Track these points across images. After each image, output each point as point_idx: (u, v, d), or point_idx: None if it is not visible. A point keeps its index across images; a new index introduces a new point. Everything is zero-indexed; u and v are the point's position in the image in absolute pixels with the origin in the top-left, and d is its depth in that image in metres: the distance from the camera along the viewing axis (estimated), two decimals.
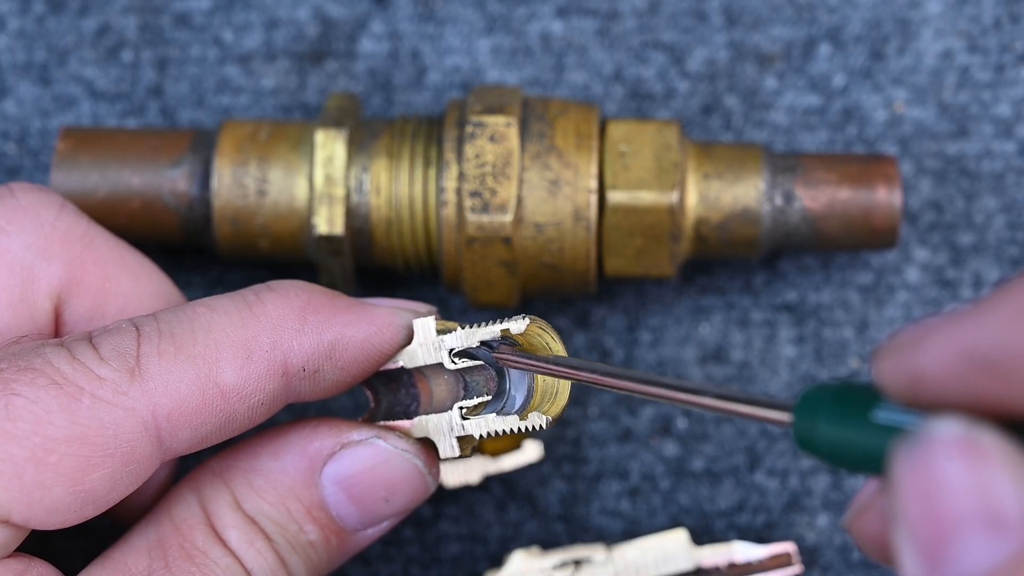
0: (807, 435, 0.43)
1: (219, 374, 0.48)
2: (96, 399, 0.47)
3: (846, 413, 0.43)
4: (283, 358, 0.49)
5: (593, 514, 0.62)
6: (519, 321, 0.50)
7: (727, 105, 0.65)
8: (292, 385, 0.50)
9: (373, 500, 0.51)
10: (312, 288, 0.51)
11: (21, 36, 0.66)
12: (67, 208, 0.54)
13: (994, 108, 0.65)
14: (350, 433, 0.51)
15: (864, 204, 0.60)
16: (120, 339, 0.48)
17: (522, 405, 0.51)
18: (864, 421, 0.42)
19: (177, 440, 0.48)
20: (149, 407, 0.47)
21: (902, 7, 0.66)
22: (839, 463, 0.43)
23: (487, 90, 0.60)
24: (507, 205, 0.58)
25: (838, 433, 0.43)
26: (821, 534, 0.62)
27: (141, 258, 0.55)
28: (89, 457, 0.46)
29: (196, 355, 0.48)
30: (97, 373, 0.47)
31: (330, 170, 0.59)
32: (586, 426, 0.63)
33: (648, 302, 0.64)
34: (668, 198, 0.58)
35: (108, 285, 0.53)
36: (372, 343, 0.50)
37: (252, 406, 0.49)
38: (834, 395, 0.43)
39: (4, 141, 0.65)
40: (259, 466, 0.50)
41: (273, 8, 0.66)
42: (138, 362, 0.47)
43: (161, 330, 0.48)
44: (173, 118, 0.66)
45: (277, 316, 0.49)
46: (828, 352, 0.63)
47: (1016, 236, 0.64)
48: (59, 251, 0.53)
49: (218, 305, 0.49)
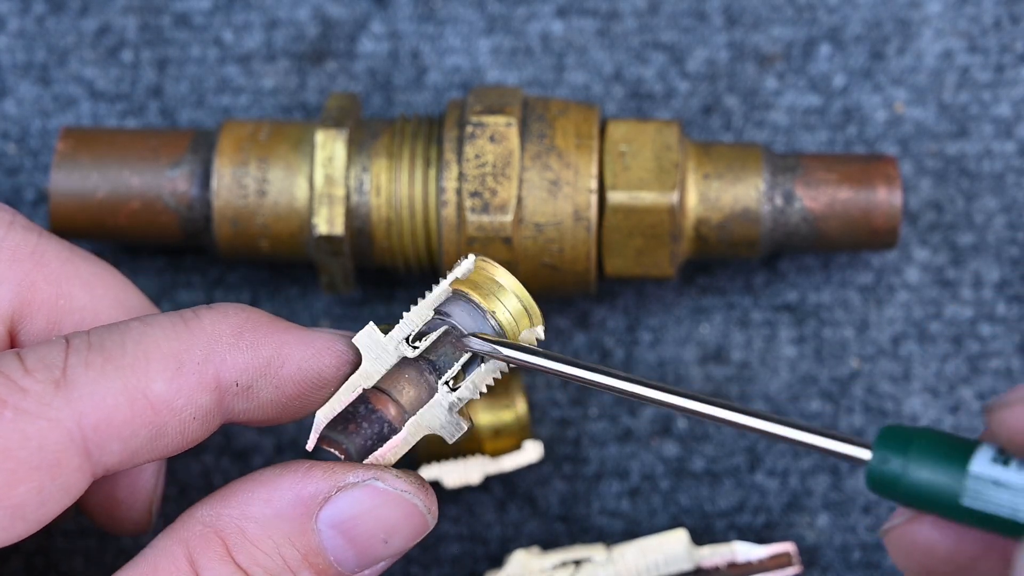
0: (887, 474, 0.45)
1: (148, 385, 0.47)
2: (19, 411, 0.45)
3: (941, 460, 0.45)
4: (215, 371, 0.48)
5: (593, 514, 0.62)
6: (464, 263, 0.49)
7: (727, 105, 0.65)
8: (225, 401, 0.48)
9: (371, 542, 0.49)
10: (253, 310, 0.50)
11: (21, 36, 0.66)
12: (15, 225, 0.52)
13: (994, 108, 0.65)
14: (345, 475, 0.49)
15: (864, 204, 0.60)
16: (47, 351, 0.46)
17: (500, 336, 0.50)
18: (963, 471, 0.44)
19: (107, 453, 0.47)
20: (74, 418, 0.46)
21: (902, 7, 0.66)
22: (915, 504, 0.45)
23: (487, 90, 0.60)
24: (507, 205, 0.58)
25: (931, 478, 0.45)
26: (821, 534, 0.62)
27: (96, 266, 0.53)
28: (13, 471, 0.45)
29: (124, 366, 0.46)
30: (20, 385, 0.45)
31: (330, 170, 0.59)
32: (586, 426, 0.63)
33: (648, 302, 0.64)
34: (668, 198, 0.58)
35: (62, 302, 0.52)
36: (310, 365, 0.49)
37: (184, 420, 0.48)
38: (924, 440, 0.45)
39: (4, 141, 0.65)
40: (252, 513, 0.48)
41: (273, 8, 0.66)
42: (64, 373, 0.46)
43: (91, 342, 0.47)
44: (173, 118, 0.66)
45: (212, 330, 0.48)
46: (828, 352, 0.63)
47: (1016, 236, 0.64)
48: (8, 273, 0.51)
49: (153, 320, 0.48)
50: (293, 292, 0.64)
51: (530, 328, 0.50)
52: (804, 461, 0.62)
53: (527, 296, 0.50)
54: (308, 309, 0.64)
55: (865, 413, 0.63)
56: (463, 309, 0.50)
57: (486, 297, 0.49)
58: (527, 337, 0.50)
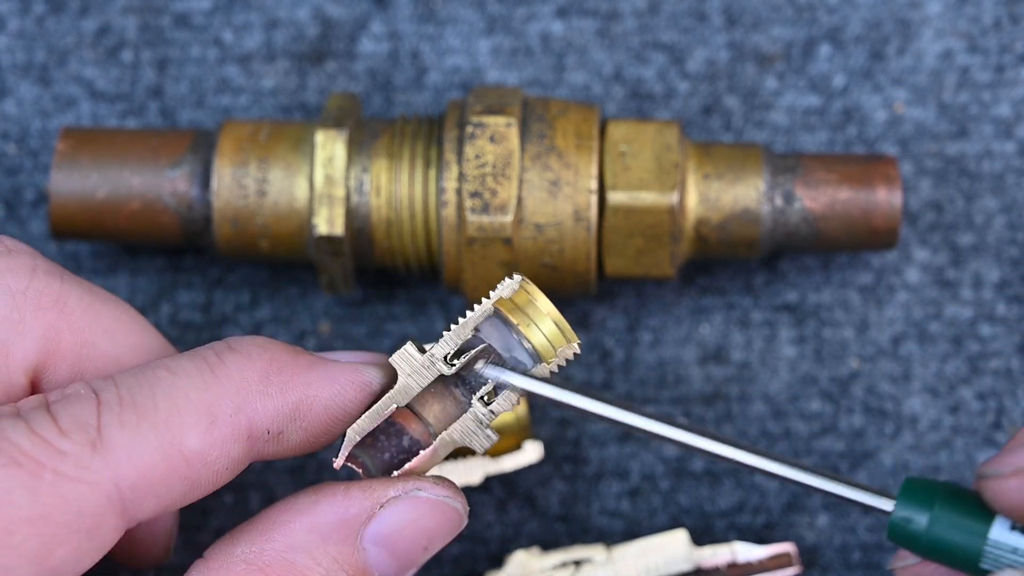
0: (909, 531, 0.47)
1: (183, 441, 0.46)
2: (58, 475, 0.45)
3: (963, 522, 0.47)
4: (247, 422, 0.48)
5: (593, 514, 0.62)
6: (509, 282, 0.49)
7: (727, 105, 0.65)
8: (256, 448, 0.49)
9: (414, 551, 0.49)
10: (273, 346, 0.49)
11: (21, 36, 0.66)
12: (38, 269, 0.51)
13: (994, 108, 0.65)
14: (386, 491, 0.49)
15: (864, 204, 0.60)
16: (80, 409, 0.46)
17: (534, 359, 0.50)
18: (983, 536, 0.46)
19: (142, 509, 0.46)
20: (113, 479, 0.45)
21: (902, 7, 0.66)
22: (931, 558, 0.47)
23: (487, 90, 0.60)
24: (507, 206, 0.58)
25: (951, 538, 0.47)
26: (821, 534, 0.62)
27: (117, 309, 0.53)
28: (54, 535, 0.45)
29: (158, 423, 0.46)
30: (58, 447, 0.45)
31: (330, 170, 0.59)
32: (586, 426, 0.63)
33: (648, 302, 0.64)
34: (668, 199, 0.58)
35: (85, 350, 0.51)
36: (337, 403, 0.49)
37: (217, 471, 0.48)
38: (946, 499, 0.47)
39: (4, 141, 0.65)
40: (297, 543, 0.48)
41: (273, 8, 0.66)
42: (99, 433, 0.46)
43: (122, 397, 0.47)
44: (173, 118, 0.66)
45: (240, 378, 0.48)
46: (828, 353, 0.63)
47: (1016, 236, 0.64)
48: (32, 322, 0.50)
49: (179, 368, 0.48)
50: (293, 292, 0.64)
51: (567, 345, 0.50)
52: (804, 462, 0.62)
53: (562, 319, 0.50)
54: (308, 309, 0.64)
55: (865, 413, 0.63)
56: (498, 328, 0.50)
57: (522, 319, 0.49)
58: (564, 354, 0.50)
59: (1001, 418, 0.62)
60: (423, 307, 0.64)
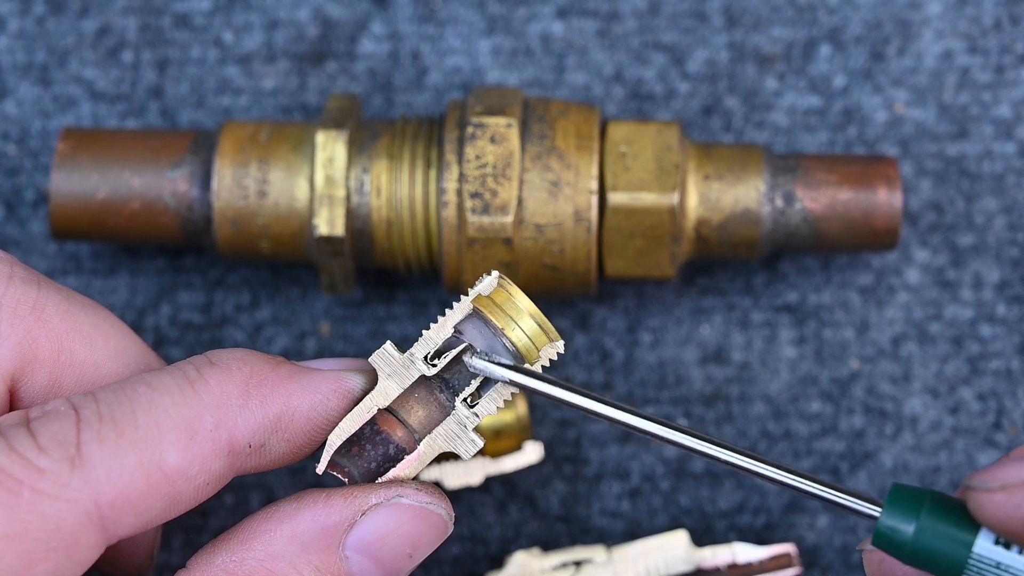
0: (895, 539, 0.47)
1: (163, 457, 0.46)
2: (36, 492, 0.44)
3: (948, 533, 0.47)
4: (228, 436, 0.48)
5: (594, 515, 0.62)
6: (487, 279, 0.49)
7: (727, 106, 0.65)
8: (238, 462, 0.48)
9: (398, 558, 0.49)
10: (254, 358, 0.49)
11: (21, 37, 0.66)
12: (14, 278, 0.51)
13: (994, 109, 0.65)
14: (367, 498, 0.49)
15: (865, 205, 0.60)
16: (59, 426, 0.46)
17: (517, 361, 0.49)
18: (967, 549, 0.46)
19: (122, 526, 0.46)
20: (92, 497, 0.45)
21: (902, 8, 0.66)
22: (915, 565, 0.48)
23: (487, 91, 0.60)
24: (508, 206, 0.58)
25: (937, 547, 0.47)
26: (821, 535, 0.62)
27: (96, 316, 0.52)
28: (32, 552, 0.44)
29: (138, 439, 0.46)
30: (37, 464, 0.45)
31: (331, 171, 0.59)
32: (587, 427, 0.63)
33: (648, 303, 0.64)
34: (669, 199, 0.58)
35: (63, 357, 0.51)
36: (319, 412, 0.49)
37: (198, 487, 0.47)
38: (933, 509, 0.47)
39: (4, 142, 0.65)
40: (277, 552, 0.48)
41: (273, 9, 0.66)
42: (78, 450, 0.45)
43: (101, 413, 0.46)
44: (173, 119, 0.66)
45: (219, 392, 0.48)
46: (828, 353, 0.63)
47: (1016, 237, 0.64)
48: (8, 331, 0.50)
49: (159, 383, 0.47)
50: (293, 293, 0.64)
51: (550, 344, 0.50)
52: (804, 462, 0.62)
53: (543, 317, 0.50)
54: (308, 310, 0.64)
55: (865, 414, 0.63)
56: (478, 328, 0.49)
57: (502, 318, 0.49)
58: (547, 353, 0.50)
59: (1001, 419, 0.62)
60: (423, 308, 0.64)
